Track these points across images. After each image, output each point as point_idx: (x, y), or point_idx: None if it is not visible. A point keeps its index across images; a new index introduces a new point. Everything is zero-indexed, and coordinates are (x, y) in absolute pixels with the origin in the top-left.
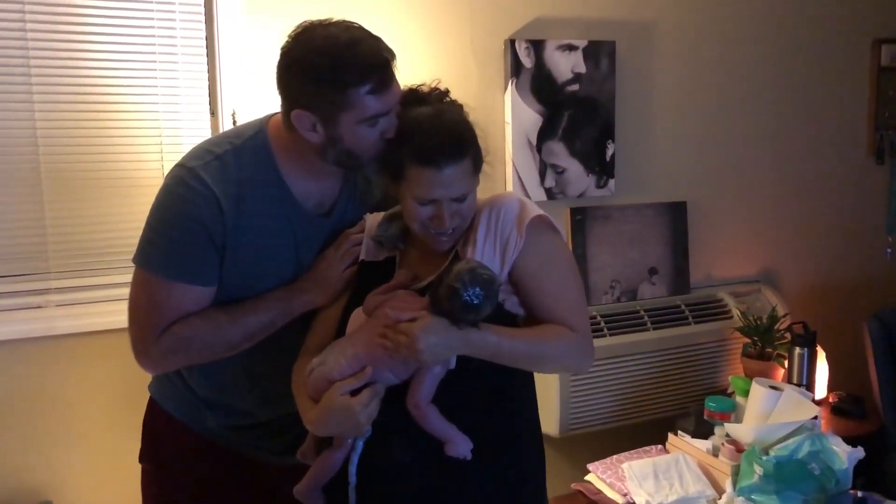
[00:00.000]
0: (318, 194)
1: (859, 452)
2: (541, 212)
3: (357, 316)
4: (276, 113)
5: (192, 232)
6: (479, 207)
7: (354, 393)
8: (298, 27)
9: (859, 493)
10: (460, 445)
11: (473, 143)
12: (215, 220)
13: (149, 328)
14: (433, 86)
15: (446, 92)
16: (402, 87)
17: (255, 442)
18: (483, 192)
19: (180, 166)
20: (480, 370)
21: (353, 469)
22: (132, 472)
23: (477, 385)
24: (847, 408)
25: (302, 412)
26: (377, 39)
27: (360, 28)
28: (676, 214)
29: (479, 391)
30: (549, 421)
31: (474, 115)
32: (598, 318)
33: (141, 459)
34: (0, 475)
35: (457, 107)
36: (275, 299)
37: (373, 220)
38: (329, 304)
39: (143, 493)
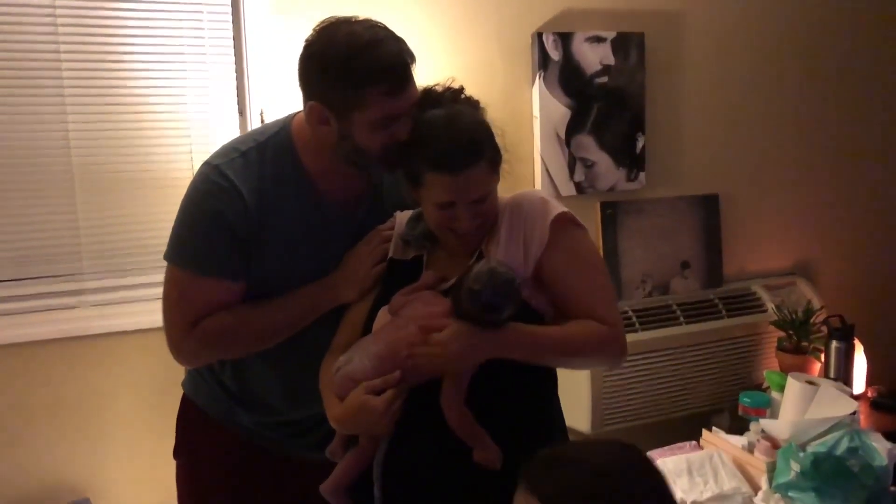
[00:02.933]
0: (344, 190)
1: None
2: (564, 208)
3: (383, 314)
4: (301, 111)
5: (218, 227)
6: (502, 205)
7: (380, 392)
8: (324, 21)
9: None
10: (491, 454)
11: (490, 144)
12: (240, 215)
13: (181, 323)
14: (447, 85)
15: (461, 90)
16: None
17: (286, 439)
18: (511, 189)
19: (206, 164)
20: (503, 368)
21: (377, 468)
22: (168, 468)
23: (502, 384)
24: (886, 402)
25: (328, 409)
26: (399, 41)
27: (385, 28)
28: (709, 207)
29: (504, 391)
30: (582, 418)
31: (501, 109)
32: (630, 312)
33: (175, 455)
34: (38, 473)
35: (471, 106)
36: (304, 294)
37: (402, 217)
38: (358, 300)
39: (177, 487)
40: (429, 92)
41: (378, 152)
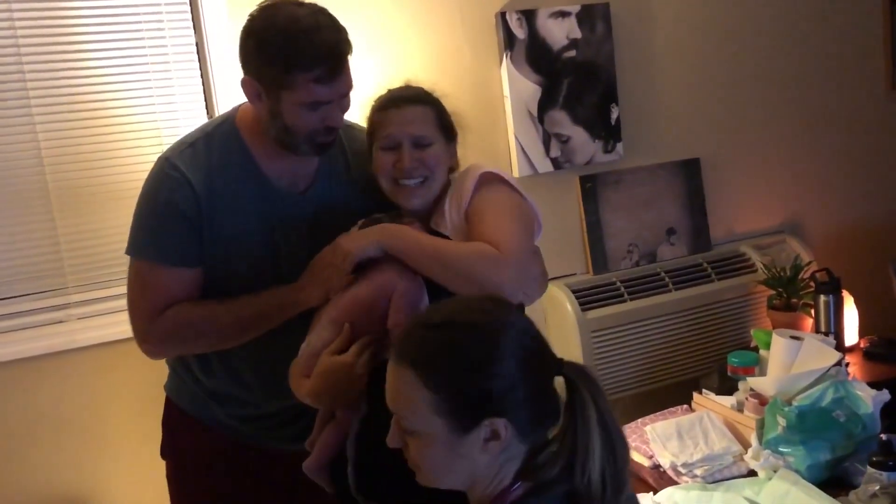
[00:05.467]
0: (292, 173)
1: (884, 395)
2: (494, 169)
3: None
4: (246, 103)
5: (169, 215)
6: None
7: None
8: (269, 0)
9: (884, 437)
10: None
11: (434, 102)
12: (189, 201)
13: (143, 312)
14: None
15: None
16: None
17: (264, 431)
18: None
19: (159, 159)
20: None
21: (351, 444)
22: (164, 472)
23: None
24: (879, 352)
25: (299, 390)
26: (340, 31)
27: (328, 16)
28: (690, 172)
29: None
30: None
31: (471, 91)
32: (618, 283)
33: (162, 455)
34: (39, 487)
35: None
36: (271, 294)
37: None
38: (323, 303)
39: (168, 487)
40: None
41: (305, 134)
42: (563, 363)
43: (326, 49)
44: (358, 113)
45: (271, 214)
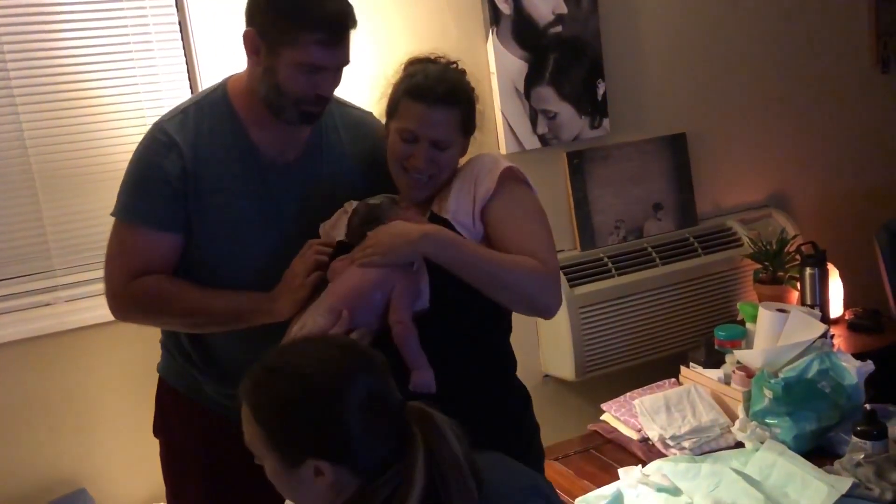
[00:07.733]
0: (282, 143)
1: (869, 366)
2: (513, 165)
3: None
4: (238, 73)
5: (154, 179)
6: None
7: None
8: None
9: (868, 407)
10: (424, 376)
11: (467, 103)
12: (175, 165)
13: (116, 272)
14: (451, 60)
15: (463, 71)
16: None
17: None
18: (474, 146)
19: (153, 125)
20: (460, 307)
21: None
22: (156, 451)
23: (457, 328)
24: (864, 323)
25: None
26: (348, 4)
27: None
28: (677, 147)
29: (459, 335)
30: (565, 365)
31: None
32: (605, 258)
33: (155, 433)
34: (33, 469)
35: (467, 80)
36: (245, 294)
37: (350, 207)
38: (294, 313)
39: (161, 465)
40: (430, 59)
41: (295, 98)
42: (406, 408)
43: (334, 14)
44: (353, 95)
45: (259, 183)
